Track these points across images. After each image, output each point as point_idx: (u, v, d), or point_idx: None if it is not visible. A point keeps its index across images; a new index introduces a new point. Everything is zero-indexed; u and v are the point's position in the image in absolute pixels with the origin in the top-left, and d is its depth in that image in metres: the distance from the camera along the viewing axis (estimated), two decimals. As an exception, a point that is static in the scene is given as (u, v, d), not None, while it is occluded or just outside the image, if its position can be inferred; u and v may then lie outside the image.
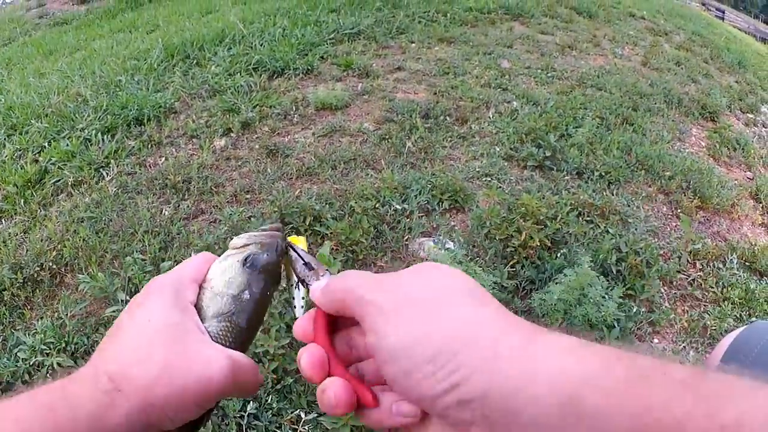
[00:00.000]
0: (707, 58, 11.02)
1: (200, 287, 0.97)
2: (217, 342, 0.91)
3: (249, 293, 0.96)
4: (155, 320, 0.87)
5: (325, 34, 8.40)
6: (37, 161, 5.43)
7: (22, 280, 4.07)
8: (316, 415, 3.06)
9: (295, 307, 1.07)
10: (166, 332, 0.86)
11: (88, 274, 4.01)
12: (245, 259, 0.98)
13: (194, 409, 0.83)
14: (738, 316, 4.12)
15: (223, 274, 0.97)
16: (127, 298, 3.71)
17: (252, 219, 4.39)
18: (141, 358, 0.82)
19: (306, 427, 3.03)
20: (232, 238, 1.02)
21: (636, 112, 7.14)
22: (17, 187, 5.06)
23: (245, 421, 3.07)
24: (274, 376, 3.26)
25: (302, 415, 3.06)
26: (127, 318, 0.89)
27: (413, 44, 8.59)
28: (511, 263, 4.12)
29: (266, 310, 1.02)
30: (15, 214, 4.82)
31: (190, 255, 3.97)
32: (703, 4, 28.51)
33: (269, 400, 3.16)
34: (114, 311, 3.64)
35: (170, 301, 0.90)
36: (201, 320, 0.93)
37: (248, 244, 1.00)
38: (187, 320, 0.90)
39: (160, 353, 0.83)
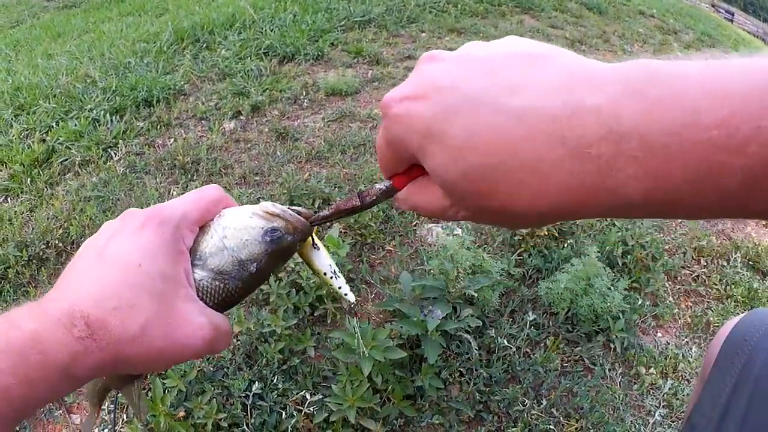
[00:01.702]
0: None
1: (206, 225, 0.92)
2: (202, 298, 0.87)
3: (256, 267, 0.91)
4: (147, 266, 0.80)
5: (335, 20, 8.37)
6: (44, 141, 5.43)
7: (27, 258, 4.08)
8: (321, 396, 3.06)
9: (346, 294, 1.08)
10: (156, 283, 0.80)
11: (95, 252, 4.01)
12: (271, 231, 0.92)
13: (163, 367, 0.83)
14: (740, 313, 4.11)
15: (241, 232, 0.91)
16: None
17: (261, 200, 4.32)
18: (123, 306, 0.77)
19: (311, 408, 3.03)
20: (265, 199, 0.98)
21: (644, 109, 7.12)
22: (24, 166, 5.07)
23: (250, 401, 3.06)
24: (281, 357, 3.27)
25: (308, 396, 3.05)
26: (114, 246, 0.82)
27: (424, 34, 8.56)
28: (518, 251, 4.14)
29: (258, 287, 0.98)
30: (21, 192, 4.82)
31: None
32: (713, 6, 28.55)
33: (275, 381, 3.16)
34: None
35: (167, 246, 0.84)
36: (193, 264, 0.88)
37: (279, 217, 0.94)
38: (179, 271, 0.84)
39: (144, 307, 0.78)
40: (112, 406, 3.16)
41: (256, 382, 3.12)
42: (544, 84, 0.61)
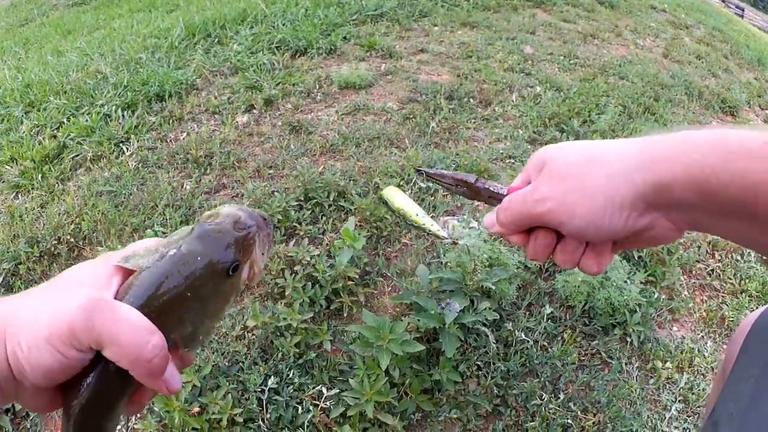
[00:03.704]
0: (727, 53, 10.97)
1: None
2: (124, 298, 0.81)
3: (175, 250, 0.84)
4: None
5: (347, 15, 8.35)
6: (55, 137, 5.42)
7: (38, 254, 4.06)
8: (338, 390, 3.04)
9: (438, 230, 1.47)
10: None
11: (107, 247, 4.01)
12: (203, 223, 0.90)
13: (47, 350, 0.74)
14: (755, 308, 4.09)
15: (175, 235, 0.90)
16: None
17: (275, 194, 4.36)
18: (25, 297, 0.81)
19: (327, 403, 3.01)
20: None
21: (657, 102, 7.10)
22: (35, 162, 5.06)
23: (266, 396, 3.05)
24: (297, 351, 3.25)
25: (324, 390, 3.03)
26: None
27: (436, 27, 8.53)
28: (533, 244, 4.10)
29: (199, 292, 0.85)
30: (32, 188, 4.81)
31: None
32: (723, 1, 28.45)
33: (290, 375, 3.14)
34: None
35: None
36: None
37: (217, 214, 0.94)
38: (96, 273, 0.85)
39: (44, 293, 0.81)
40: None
41: (272, 376, 3.11)
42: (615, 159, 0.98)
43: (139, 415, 3.10)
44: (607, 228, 0.96)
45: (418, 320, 3.11)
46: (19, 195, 4.80)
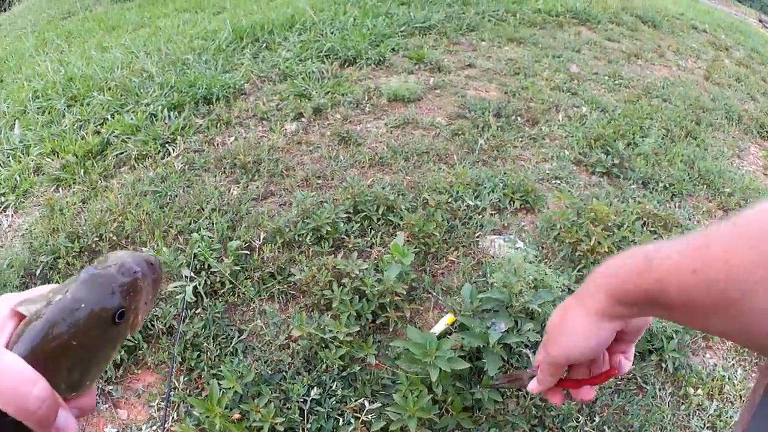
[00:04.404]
0: (765, 76, 10.89)
1: None
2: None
3: (63, 294, 0.80)
4: None
5: (396, 26, 8.37)
6: (98, 133, 5.46)
7: (78, 249, 4.10)
8: (380, 405, 3.04)
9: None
10: None
11: (151, 248, 4.01)
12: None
13: None
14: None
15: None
16: (192, 274, 3.68)
17: (324, 204, 4.37)
18: None
19: (369, 416, 3.01)
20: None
21: (699, 126, 7.07)
22: (77, 157, 5.10)
23: (307, 406, 3.06)
24: (341, 363, 3.25)
25: (366, 403, 3.05)
26: None
27: (483, 42, 8.54)
28: (579, 267, 4.10)
29: (82, 339, 0.81)
30: (74, 183, 4.85)
31: (260, 235, 3.96)
32: (760, 21, 28.20)
33: (333, 387, 3.15)
34: (177, 287, 3.62)
35: None
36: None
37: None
38: None
39: None
40: (162, 404, 3.14)
41: (315, 387, 3.12)
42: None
43: (176, 417, 3.11)
44: (598, 342, 1.24)
45: (463, 338, 3.11)
46: (60, 188, 4.84)
